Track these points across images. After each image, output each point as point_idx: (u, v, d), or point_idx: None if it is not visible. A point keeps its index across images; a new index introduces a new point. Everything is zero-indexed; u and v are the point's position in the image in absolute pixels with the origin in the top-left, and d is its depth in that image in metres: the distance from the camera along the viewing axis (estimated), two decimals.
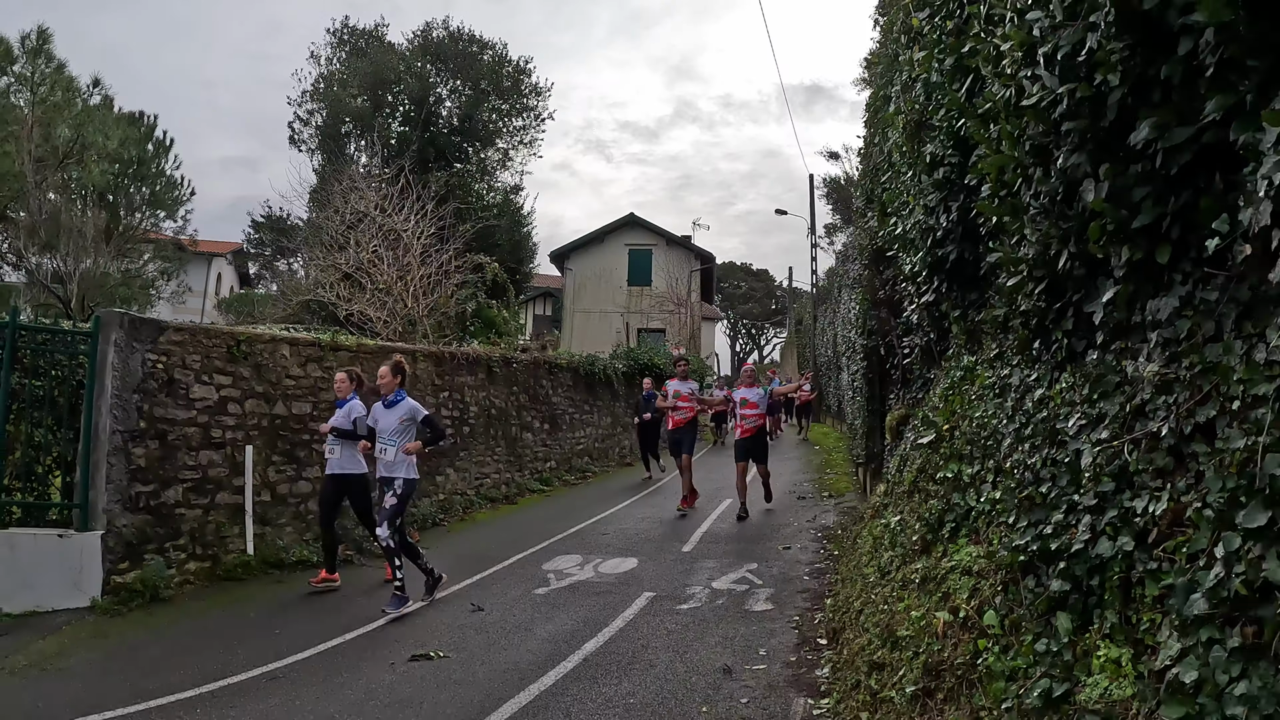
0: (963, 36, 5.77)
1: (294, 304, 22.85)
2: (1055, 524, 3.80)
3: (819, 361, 37.13)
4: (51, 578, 8.74)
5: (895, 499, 7.87)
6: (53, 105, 26.98)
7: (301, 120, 37.28)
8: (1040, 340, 4.89)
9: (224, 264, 48.73)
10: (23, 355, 9.25)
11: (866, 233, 12.37)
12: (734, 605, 8.90)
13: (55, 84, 27.65)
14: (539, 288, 49.63)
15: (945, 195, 6.82)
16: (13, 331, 8.99)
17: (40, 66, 27.45)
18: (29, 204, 25.15)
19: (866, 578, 7.40)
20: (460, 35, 37.52)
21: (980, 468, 5.29)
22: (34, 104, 26.63)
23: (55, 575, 8.77)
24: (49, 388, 9.38)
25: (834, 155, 57.87)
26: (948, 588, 4.94)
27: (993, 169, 4.76)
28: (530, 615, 8.70)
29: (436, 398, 15.13)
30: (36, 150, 25.66)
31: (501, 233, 33.34)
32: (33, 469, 9.27)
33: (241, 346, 10.97)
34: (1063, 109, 3.87)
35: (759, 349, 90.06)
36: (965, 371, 6.90)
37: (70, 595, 8.80)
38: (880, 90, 10.72)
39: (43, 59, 27.50)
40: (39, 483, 9.36)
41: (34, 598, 8.60)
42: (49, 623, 8.31)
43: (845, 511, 14.09)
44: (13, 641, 7.79)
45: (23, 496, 9.13)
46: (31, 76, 27.27)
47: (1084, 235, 4.06)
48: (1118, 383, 3.82)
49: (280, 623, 8.58)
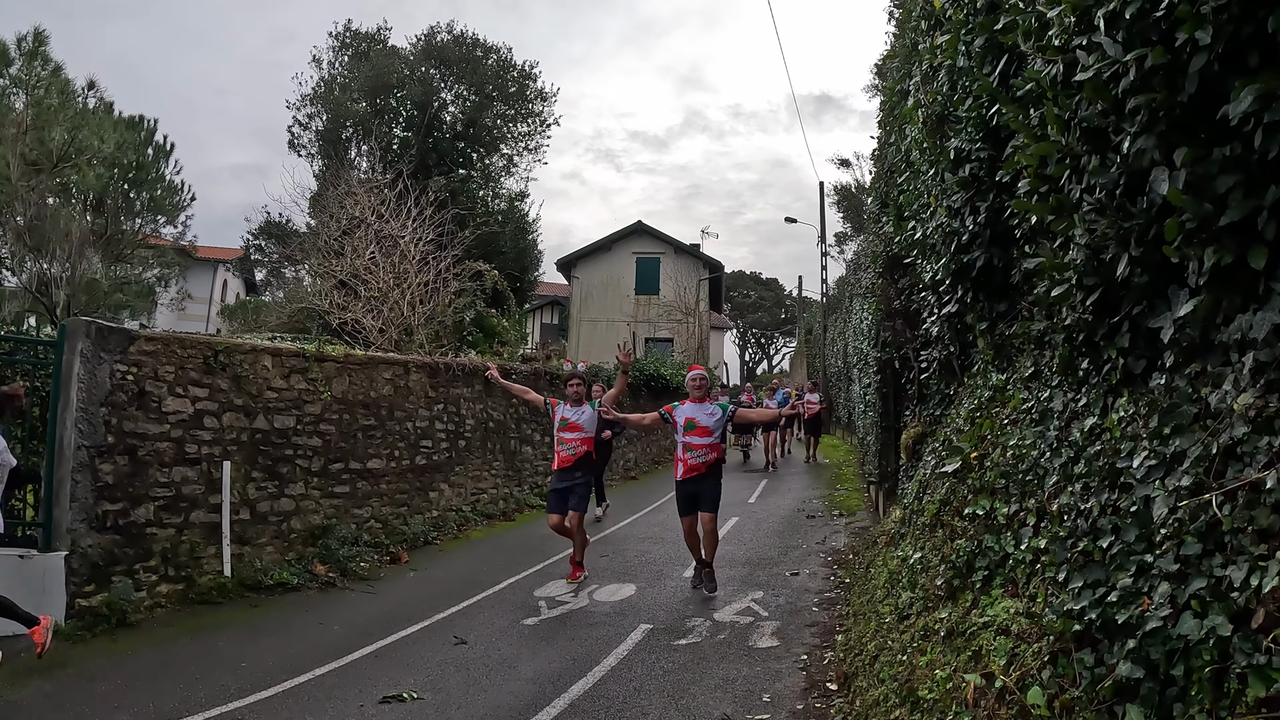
0: (996, 11, 5.11)
1: (289, 311, 22.28)
2: (1122, 589, 3.09)
3: (829, 372, 36.44)
4: (12, 600, 8.09)
5: (914, 530, 7.18)
6: (48, 108, 26.49)
7: (301, 125, 36.77)
8: (1089, 359, 4.21)
9: (229, 271, 48.39)
10: None
11: (880, 239, 11.70)
12: (737, 640, 8.22)
13: (51, 87, 27.24)
14: (546, 296, 49.13)
15: (972, 194, 6.16)
16: None
17: (36, 69, 27.06)
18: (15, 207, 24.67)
19: (882, 617, 6.72)
20: (464, 39, 36.97)
21: (1019, 507, 4.59)
22: (29, 106, 26.14)
23: (16, 598, 8.04)
24: None
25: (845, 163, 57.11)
26: (979, 646, 4.25)
27: (1033, 160, 4.10)
28: (517, 650, 8.04)
29: (431, 410, 14.51)
30: (31, 153, 25.18)
31: (506, 240, 32.78)
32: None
33: (219, 357, 10.37)
34: (1128, 82, 3.21)
35: (768, 358, 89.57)
36: (995, 391, 6.22)
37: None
38: (896, 85, 10.06)
39: (39, 61, 27.11)
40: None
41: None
42: (8, 648, 7.70)
43: (857, 533, 13.41)
44: None
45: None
46: (27, 79, 26.85)
47: (1148, 236, 3.39)
48: (1195, 414, 3.14)
49: (250, 653, 7.97)
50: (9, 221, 25.37)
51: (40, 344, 9.26)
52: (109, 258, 28.35)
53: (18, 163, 24.60)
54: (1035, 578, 4.06)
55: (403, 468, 13.58)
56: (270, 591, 10.15)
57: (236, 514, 10.41)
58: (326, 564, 10.97)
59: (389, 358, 13.91)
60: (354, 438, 12.47)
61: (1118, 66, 3.25)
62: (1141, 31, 3.11)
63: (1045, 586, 3.85)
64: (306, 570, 10.75)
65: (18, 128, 25.18)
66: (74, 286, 25.21)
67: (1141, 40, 3.12)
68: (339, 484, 12.08)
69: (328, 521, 11.61)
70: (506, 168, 38.06)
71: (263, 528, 10.84)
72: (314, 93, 36.72)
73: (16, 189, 24.51)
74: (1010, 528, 4.62)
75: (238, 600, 9.79)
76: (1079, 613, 3.29)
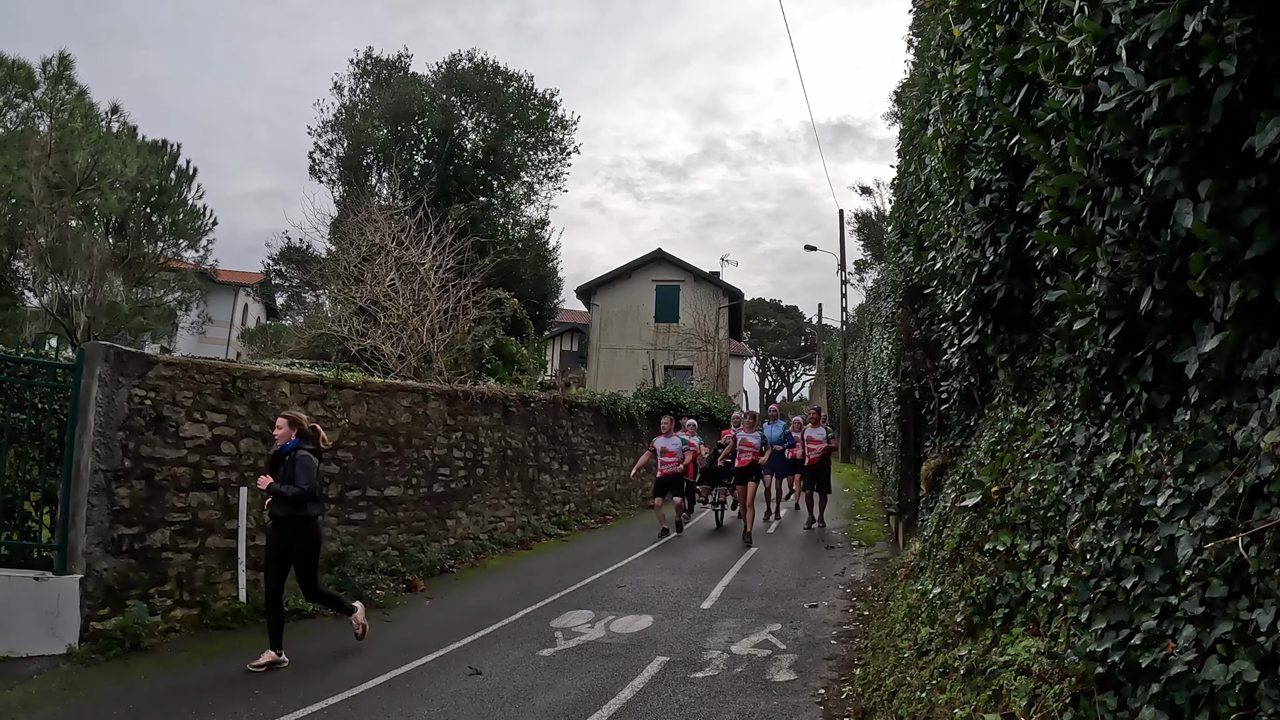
0: (1016, 40, 5.07)
1: (308, 337, 22.37)
2: (1146, 631, 3.01)
3: (849, 400, 36.23)
4: (26, 622, 8.18)
5: (933, 564, 7.08)
6: (72, 131, 26.80)
7: (323, 151, 37.10)
8: (1111, 393, 4.13)
9: (249, 295, 48.69)
10: (6, 387, 8.77)
11: (901, 269, 11.63)
12: (754, 674, 8.10)
13: (76, 110, 27.57)
14: (565, 323, 49.13)
15: (992, 225, 6.10)
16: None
17: (61, 93, 27.38)
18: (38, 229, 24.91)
19: (900, 652, 6.61)
20: (485, 67, 37.24)
21: (1040, 544, 4.50)
22: (53, 129, 26.45)
23: (30, 620, 8.21)
24: (35, 421, 8.94)
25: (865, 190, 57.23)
26: (999, 685, 4.16)
27: (1055, 192, 4.04)
28: (532, 681, 7.94)
29: (449, 438, 14.48)
30: (54, 176, 25.45)
31: (525, 267, 32.86)
32: (15, 506, 8.80)
33: (237, 383, 10.37)
34: (1151, 113, 3.15)
35: (788, 386, 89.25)
36: (1016, 424, 6.13)
37: (46, 641, 8.24)
38: (916, 114, 10.02)
39: (64, 85, 27.44)
40: (22, 520, 8.90)
41: (7, 642, 8.05)
42: (20, 670, 7.74)
43: (876, 564, 13.27)
44: None
45: (4, 536, 8.69)
46: (52, 102, 27.17)
47: (1172, 269, 3.33)
48: (1221, 452, 3.06)
49: (263, 680, 7.89)
50: (31, 243, 25.67)
51: (59, 367, 9.22)
52: (130, 281, 28.61)
53: (41, 185, 24.93)
54: (1057, 617, 3.97)
55: (420, 495, 13.53)
56: (285, 617, 10.07)
57: (253, 540, 10.34)
58: (342, 591, 10.88)
59: (407, 385, 13.91)
60: (371, 465, 12.43)
61: (1140, 97, 3.21)
62: (1164, 62, 3.06)
63: (1067, 626, 3.77)
64: None
65: (41, 150, 25.52)
66: (95, 309, 25.44)
67: (1164, 71, 3.08)
68: (356, 511, 12.04)
69: (344, 549, 11.56)
70: (527, 195, 38.27)
71: None
72: (335, 119, 37.08)
73: (39, 211, 24.84)
74: (1032, 565, 4.53)
75: (252, 626, 9.68)
76: (1102, 654, 3.21)
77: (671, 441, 17.38)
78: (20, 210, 25.73)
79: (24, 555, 8.72)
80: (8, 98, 27.13)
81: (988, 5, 5.82)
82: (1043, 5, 4.31)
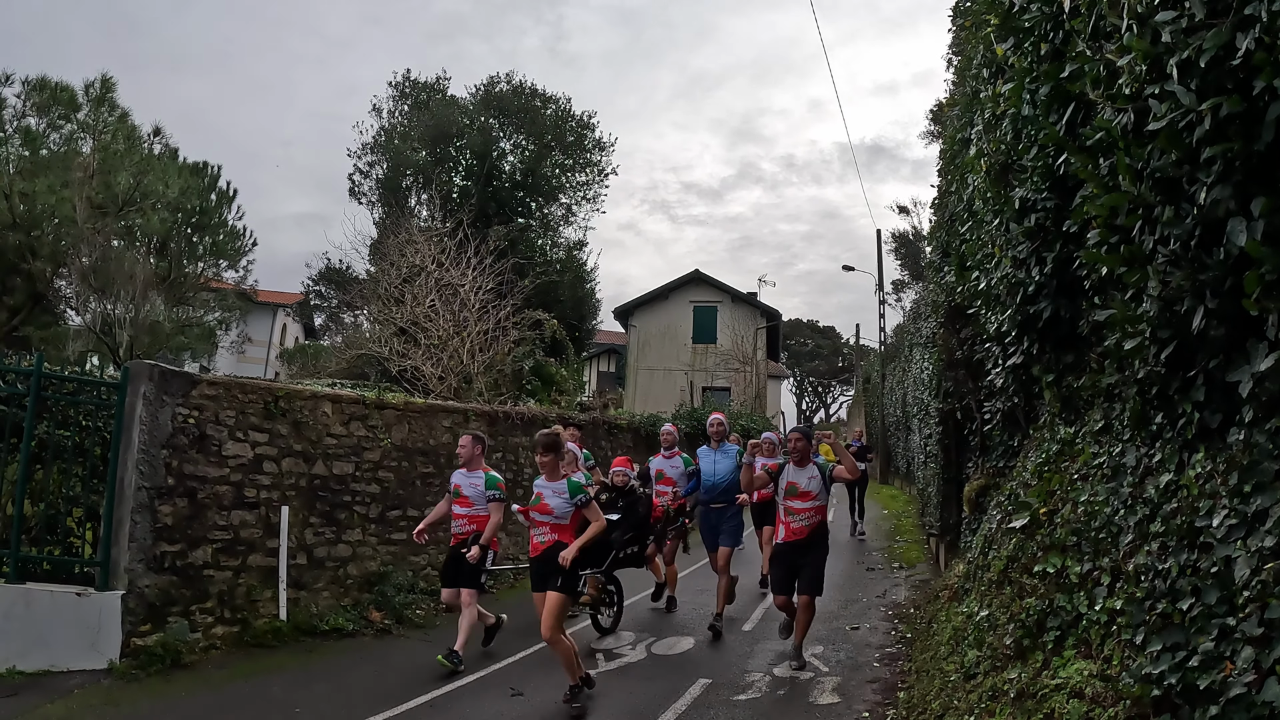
0: (1061, 59, 5.05)
1: (349, 357, 22.56)
2: (1203, 653, 2.98)
3: (887, 421, 35.99)
4: (68, 637, 8.30)
5: (979, 586, 7.01)
6: (114, 153, 27.30)
7: (362, 173, 37.47)
8: (1163, 413, 4.09)
9: (288, 315, 49.18)
10: (52, 404, 8.93)
11: (942, 289, 11.56)
12: (797, 696, 8.06)
13: (118, 132, 28.07)
14: (603, 344, 49.21)
15: (1038, 245, 6.06)
16: (37, 379, 8.67)
17: (104, 115, 27.90)
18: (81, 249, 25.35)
19: (947, 675, 6.55)
20: (523, 89, 37.48)
21: (1092, 565, 4.46)
22: (96, 151, 26.93)
23: (72, 634, 8.33)
24: (79, 438, 9.06)
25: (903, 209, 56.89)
26: (1051, 708, 4.12)
27: (1103, 211, 4.02)
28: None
29: (490, 459, 14.51)
30: (97, 197, 25.89)
31: (564, 289, 32.98)
32: (58, 522, 8.95)
33: (280, 403, 10.48)
34: (1202, 131, 3.13)
35: (825, 407, 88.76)
36: (1063, 445, 6.08)
37: (87, 656, 8.33)
38: (957, 134, 9.98)
39: (106, 107, 27.95)
40: (65, 536, 9.03)
41: (49, 656, 8.18)
42: (62, 684, 7.84)
43: (917, 586, 13.15)
44: (20, 703, 7.35)
45: (46, 551, 8.85)
46: (95, 124, 27.67)
47: (1224, 287, 3.31)
48: (1277, 471, 3.03)
49: (303, 698, 7.94)
50: (75, 263, 26.15)
51: (104, 385, 9.37)
52: (171, 300, 29.00)
53: (84, 206, 25.43)
54: (1110, 639, 3.93)
55: None
56: (325, 636, 10.11)
57: (293, 558, 10.43)
58: (382, 610, 10.96)
59: (448, 406, 13.99)
60: (412, 485, 12.50)
61: (1192, 115, 3.19)
62: (1216, 80, 3.05)
63: (1121, 649, 3.73)
64: (362, 616, 10.73)
65: (85, 171, 26.03)
66: (137, 328, 25.82)
67: (1216, 89, 3.06)
68: (396, 531, 12.08)
69: (384, 568, 11.61)
70: (565, 217, 38.41)
71: (319, 573, 10.85)
72: (375, 141, 37.45)
73: (83, 231, 25.31)
74: (1083, 587, 4.49)
75: (293, 644, 9.77)
76: (1158, 677, 3.18)
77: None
78: (63, 230, 26.27)
79: (66, 571, 8.84)
80: (51, 120, 27.68)
81: (1031, 24, 5.80)
82: (1089, 24, 4.30)
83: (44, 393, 8.79)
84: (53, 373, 9.23)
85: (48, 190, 25.55)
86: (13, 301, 27.03)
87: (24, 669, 8.00)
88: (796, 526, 8.96)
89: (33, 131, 27.38)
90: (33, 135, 27.33)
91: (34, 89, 26.90)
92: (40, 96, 27.01)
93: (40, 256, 26.34)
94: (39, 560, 8.75)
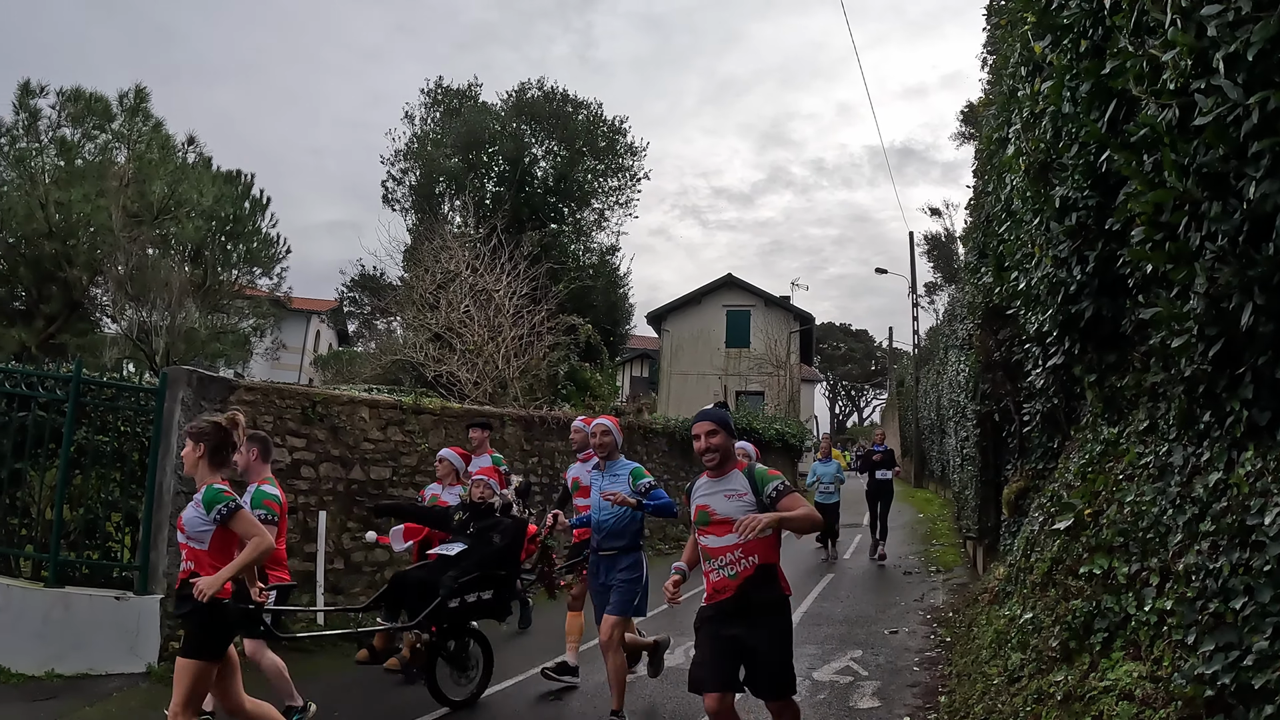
0: (1102, 55, 5.01)
1: (384, 363, 22.71)
2: (1258, 652, 2.94)
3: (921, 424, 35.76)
4: (107, 640, 8.39)
5: (1022, 588, 6.94)
6: (149, 162, 27.65)
7: (395, 180, 37.81)
8: (1210, 411, 4.05)
9: (322, 322, 49.56)
10: (90, 410, 9.03)
11: (979, 290, 11.46)
12: (837, 701, 8.01)
13: (152, 142, 28.44)
14: (636, 349, 49.22)
15: (1080, 244, 6.00)
16: (76, 385, 8.76)
17: (138, 124, 28.26)
18: (117, 257, 25.67)
19: (989, 678, 6.49)
20: (554, 95, 37.65)
21: (1140, 566, 4.41)
22: (130, 160, 27.27)
23: (111, 638, 8.42)
24: (118, 443, 9.15)
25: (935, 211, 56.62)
26: (1100, 711, 4.07)
27: (1148, 208, 3.98)
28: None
29: (525, 463, 14.58)
30: (132, 205, 26.23)
31: (597, 294, 33.03)
32: (97, 526, 9.05)
33: (317, 408, 10.57)
34: (1250, 125, 3.10)
35: (858, 411, 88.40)
36: (1107, 445, 6.01)
37: (126, 659, 8.42)
38: (994, 133, 9.90)
39: (140, 117, 28.32)
40: (103, 540, 9.15)
41: (87, 660, 8.27)
42: (100, 687, 7.91)
43: (955, 590, 13.04)
44: (59, 705, 7.41)
45: (85, 555, 8.96)
46: (129, 134, 28.02)
47: (1273, 283, 3.27)
48: None
49: (342, 704, 7.98)
50: (111, 271, 26.54)
51: (142, 391, 9.44)
52: (206, 307, 29.30)
53: (120, 214, 25.79)
54: (1160, 640, 3.89)
55: None
56: (364, 640, 10.16)
57: (331, 563, 10.50)
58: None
59: (485, 410, 14.05)
60: None
61: (1239, 110, 3.16)
62: (1264, 73, 3.02)
63: (1171, 649, 3.69)
64: None
65: (120, 181, 26.39)
66: (173, 335, 26.11)
67: (1264, 83, 3.03)
68: None
69: None
70: (598, 222, 38.52)
71: (356, 577, 10.92)
72: (407, 148, 37.77)
73: (118, 240, 25.67)
74: (1132, 588, 4.43)
75: (330, 649, 9.77)
76: (1211, 677, 3.14)
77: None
78: (99, 239, 26.66)
79: (105, 575, 8.91)
80: (86, 129, 28.09)
81: (1070, 20, 5.75)
82: (1131, 19, 4.26)
83: (83, 399, 8.88)
84: (91, 379, 9.31)
85: (83, 199, 25.94)
86: (49, 309, 27.45)
87: (63, 672, 8.08)
88: (718, 579, 5.24)
89: (68, 142, 27.80)
90: (68, 145, 27.75)
91: (68, 99, 27.30)
92: (75, 107, 27.41)
93: (76, 265, 26.75)
94: (78, 564, 8.83)
